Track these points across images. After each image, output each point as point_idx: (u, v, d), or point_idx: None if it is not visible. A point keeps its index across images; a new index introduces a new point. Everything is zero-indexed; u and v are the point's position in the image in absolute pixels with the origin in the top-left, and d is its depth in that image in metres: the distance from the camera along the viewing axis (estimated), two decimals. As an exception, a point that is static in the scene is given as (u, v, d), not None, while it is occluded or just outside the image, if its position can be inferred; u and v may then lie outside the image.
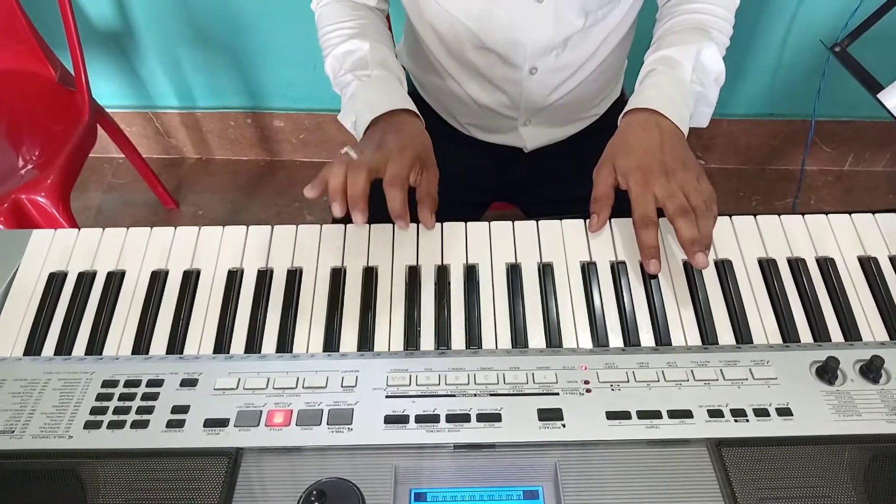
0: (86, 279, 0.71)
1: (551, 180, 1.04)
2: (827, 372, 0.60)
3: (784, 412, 0.58)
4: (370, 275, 0.70)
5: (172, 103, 1.84)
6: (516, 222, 0.74)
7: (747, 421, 0.57)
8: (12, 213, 1.21)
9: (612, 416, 0.58)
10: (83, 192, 1.90)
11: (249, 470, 0.55)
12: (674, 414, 0.58)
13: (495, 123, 1.00)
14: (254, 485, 0.54)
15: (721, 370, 0.61)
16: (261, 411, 0.59)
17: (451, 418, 0.58)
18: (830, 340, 0.65)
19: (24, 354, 0.66)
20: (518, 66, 0.88)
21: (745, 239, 0.72)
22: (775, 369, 0.61)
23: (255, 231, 0.74)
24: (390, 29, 1.18)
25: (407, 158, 0.71)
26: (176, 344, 0.66)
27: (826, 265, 0.69)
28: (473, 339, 0.65)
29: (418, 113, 0.81)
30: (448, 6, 0.84)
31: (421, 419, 0.58)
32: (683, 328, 0.66)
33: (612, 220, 0.73)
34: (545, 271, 0.70)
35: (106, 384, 0.61)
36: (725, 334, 0.65)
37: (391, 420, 0.58)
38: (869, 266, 0.69)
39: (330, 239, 0.73)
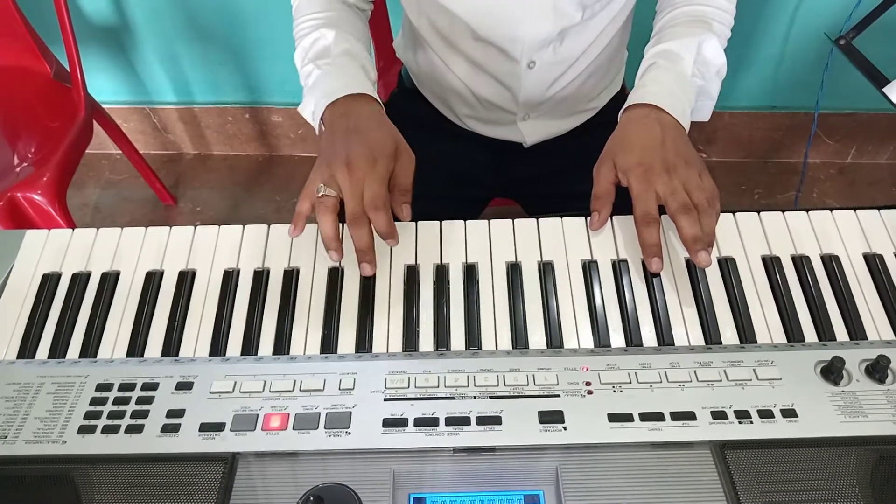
0: (80, 280, 0.70)
1: (552, 176, 1.03)
2: (832, 372, 0.59)
3: (789, 413, 0.57)
4: (368, 274, 0.69)
5: (170, 98, 1.83)
6: (516, 220, 0.73)
7: (751, 423, 0.56)
8: (8, 212, 1.20)
9: (613, 418, 0.57)
10: (80, 189, 1.89)
11: (246, 475, 0.54)
12: (677, 416, 0.57)
13: (494, 116, 0.99)
14: (250, 490, 0.54)
15: (725, 371, 0.60)
16: (257, 415, 0.58)
17: (451, 421, 0.57)
18: (835, 340, 0.64)
19: (18, 357, 0.65)
20: (516, 60, 0.87)
21: (748, 236, 0.71)
22: (780, 370, 0.60)
23: (251, 230, 0.73)
24: (388, 25, 1.17)
25: (381, 171, 0.67)
26: (171, 346, 0.65)
27: (831, 263, 0.68)
28: (473, 339, 0.64)
29: (377, 97, 0.77)
30: (445, 1, 0.83)
31: (420, 422, 0.57)
32: (686, 327, 0.65)
33: (614, 217, 0.72)
34: (546, 270, 0.69)
35: (100, 388, 0.60)
36: (729, 333, 0.64)
37: (389, 423, 0.57)
38: (874, 263, 0.68)
39: (327, 238, 0.72)
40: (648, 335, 0.64)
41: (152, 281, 0.69)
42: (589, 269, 0.69)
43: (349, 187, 0.66)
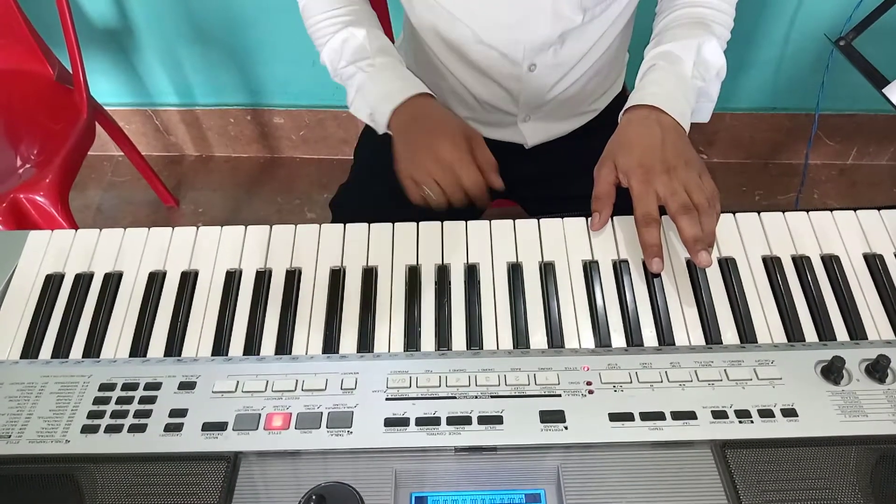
0: (83, 281, 0.70)
1: (553, 177, 1.03)
2: (832, 372, 0.59)
3: (789, 413, 0.57)
4: (370, 275, 0.69)
5: (172, 100, 1.83)
6: (517, 221, 0.73)
7: (752, 422, 0.57)
8: (11, 213, 1.20)
9: (614, 417, 0.57)
10: (83, 191, 1.90)
11: (248, 474, 0.55)
12: (677, 415, 0.57)
13: (495, 118, 0.99)
14: (253, 489, 0.54)
15: (725, 370, 0.60)
16: (259, 414, 0.58)
17: (452, 421, 0.57)
18: (836, 339, 0.64)
19: (21, 357, 0.65)
20: (517, 63, 0.87)
21: (749, 236, 0.71)
22: (780, 369, 0.60)
23: (253, 231, 0.73)
24: (389, 26, 1.18)
25: (466, 156, 0.75)
26: (174, 346, 0.65)
27: (831, 263, 0.69)
28: (474, 339, 0.65)
29: (430, 91, 0.82)
30: (446, 4, 0.83)
31: (421, 422, 0.57)
32: (687, 327, 0.65)
33: (614, 218, 0.72)
34: (547, 270, 0.69)
35: (103, 387, 0.60)
36: (729, 333, 0.64)
37: (391, 423, 0.57)
38: (874, 263, 0.68)
39: (329, 239, 0.72)
40: (649, 335, 0.64)
41: (155, 281, 0.70)
42: (590, 269, 0.69)
43: (444, 178, 0.75)
